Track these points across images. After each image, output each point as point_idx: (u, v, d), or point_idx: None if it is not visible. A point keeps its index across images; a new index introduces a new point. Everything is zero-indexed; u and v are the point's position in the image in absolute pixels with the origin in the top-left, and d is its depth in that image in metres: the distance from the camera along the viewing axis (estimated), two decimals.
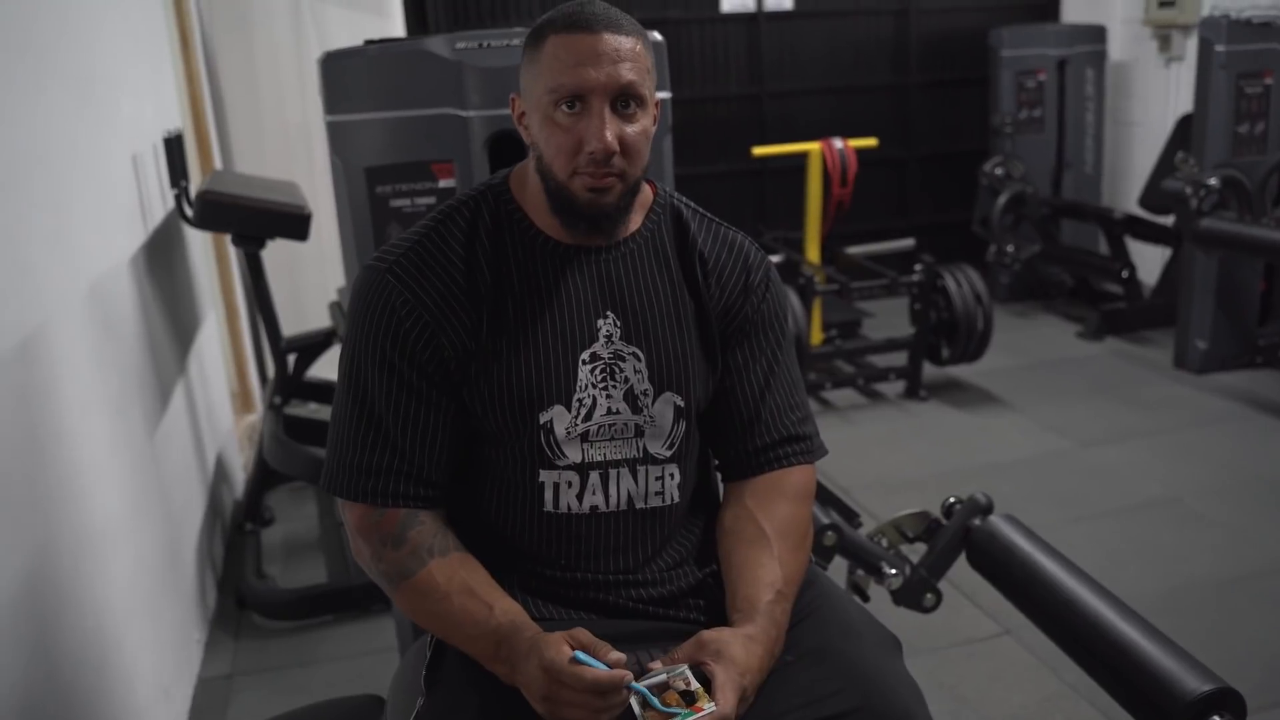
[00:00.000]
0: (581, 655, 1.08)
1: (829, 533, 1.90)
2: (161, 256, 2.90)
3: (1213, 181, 3.87)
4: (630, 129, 1.20)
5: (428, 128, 1.99)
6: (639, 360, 1.28)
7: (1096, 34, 5.47)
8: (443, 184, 1.98)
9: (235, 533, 3.25)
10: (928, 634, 2.53)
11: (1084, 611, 1.59)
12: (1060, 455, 3.65)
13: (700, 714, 1.09)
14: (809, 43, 5.67)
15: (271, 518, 3.29)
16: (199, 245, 3.57)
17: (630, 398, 1.28)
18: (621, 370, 1.28)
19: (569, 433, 1.26)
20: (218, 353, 3.73)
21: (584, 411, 1.26)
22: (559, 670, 1.07)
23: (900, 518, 2.02)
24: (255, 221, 2.75)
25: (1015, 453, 3.69)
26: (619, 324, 1.28)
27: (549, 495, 1.27)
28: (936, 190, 5.98)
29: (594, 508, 1.28)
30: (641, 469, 1.29)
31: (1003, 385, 4.34)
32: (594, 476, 1.27)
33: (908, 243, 4.67)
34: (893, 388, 4.35)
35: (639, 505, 1.29)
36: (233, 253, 4.08)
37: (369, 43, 2.02)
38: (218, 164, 4.30)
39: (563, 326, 1.26)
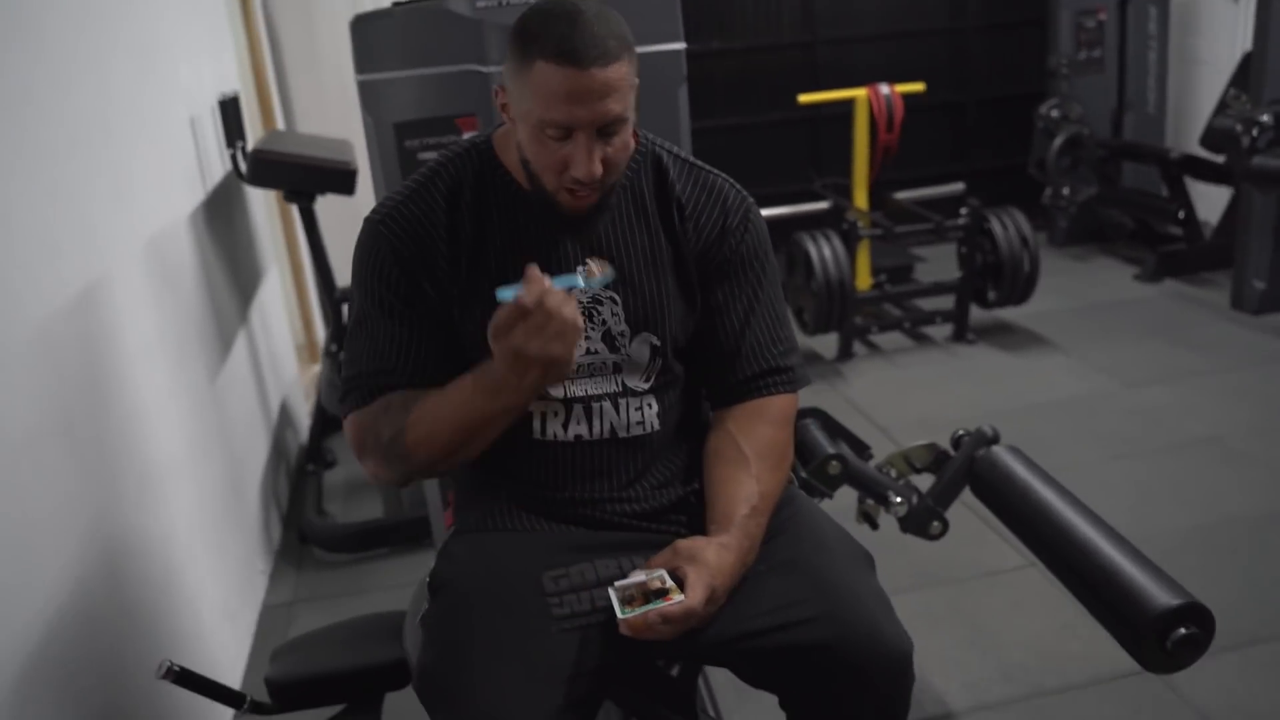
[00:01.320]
0: (501, 293, 1.18)
1: (833, 462, 1.99)
2: (221, 214, 3.06)
3: (1265, 118, 3.79)
4: (612, 148, 1.26)
5: (451, 84, 2.09)
6: (616, 304, 1.37)
7: None
8: (467, 137, 2.09)
9: (299, 474, 3.44)
10: (952, 566, 2.61)
11: (1071, 534, 1.65)
12: (1105, 396, 3.65)
13: (669, 603, 1.19)
14: None
15: (333, 460, 3.47)
16: (261, 204, 3.74)
17: (608, 338, 1.37)
18: (599, 314, 1.37)
19: None
20: (280, 306, 3.92)
21: None
22: (490, 322, 1.18)
23: (909, 449, 2.10)
24: (304, 177, 2.90)
25: (1060, 393, 3.71)
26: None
27: (536, 424, 1.38)
28: (994, 134, 5.91)
29: (578, 436, 1.38)
30: (622, 401, 1.39)
31: (1053, 328, 4.33)
32: (578, 409, 1.38)
33: (957, 187, 4.65)
34: (941, 331, 4.38)
35: (621, 435, 1.39)
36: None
37: (396, 4, 2.13)
38: (280, 124, 4.47)
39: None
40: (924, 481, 2.09)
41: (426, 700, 1.25)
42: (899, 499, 2.01)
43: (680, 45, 2.23)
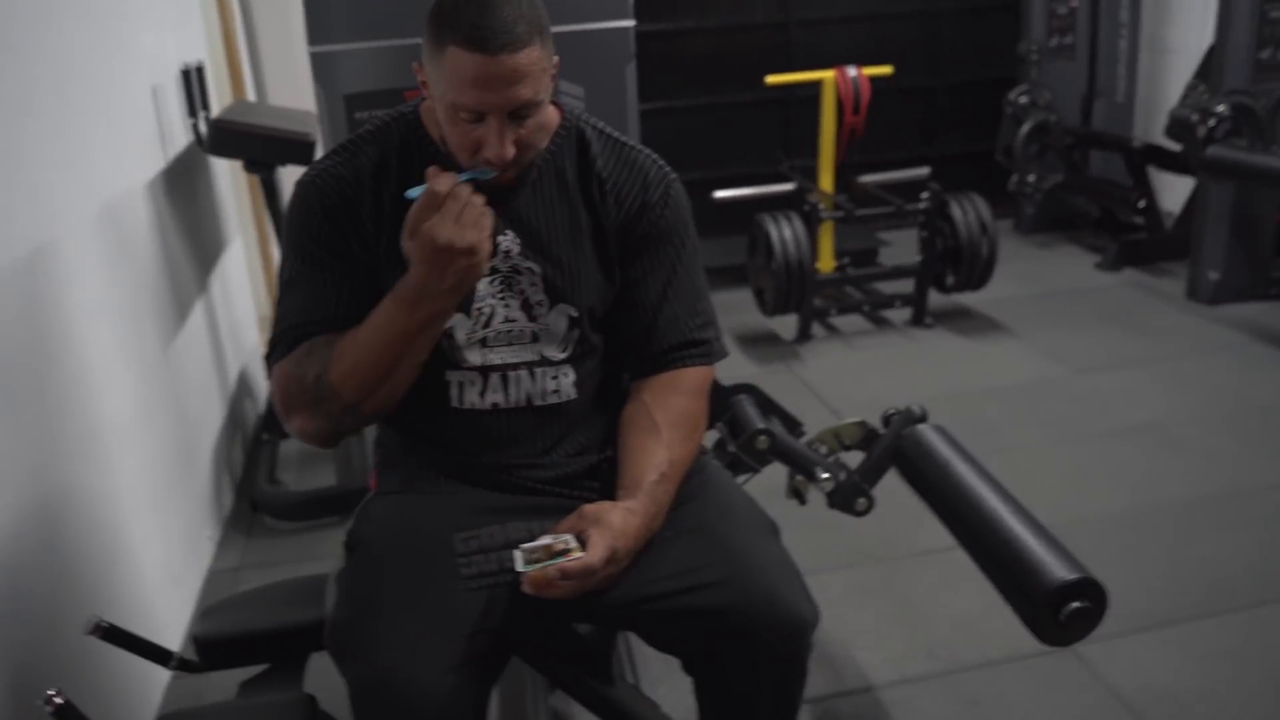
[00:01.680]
0: (410, 193, 1.26)
1: (761, 437, 2.03)
2: (183, 183, 3.08)
3: (1221, 108, 3.84)
4: (525, 129, 1.30)
5: (402, 57, 2.14)
6: (535, 274, 1.41)
7: None
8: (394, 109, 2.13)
9: (255, 443, 3.47)
10: (887, 544, 2.67)
11: (980, 510, 1.71)
12: (1054, 381, 3.72)
13: (569, 559, 1.24)
14: None
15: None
16: (227, 175, 3.75)
17: (526, 307, 1.41)
18: (518, 283, 1.41)
19: (469, 338, 1.40)
20: (244, 276, 3.94)
21: (483, 319, 1.40)
22: (405, 220, 1.25)
23: (839, 426, 2.15)
24: (263, 147, 2.92)
25: (1010, 378, 3.77)
26: (518, 241, 1.41)
27: (454, 392, 1.42)
28: (963, 119, 5.94)
29: (495, 404, 1.43)
30: (539, 370, 1.43)
31: (1010, 314, 4.39)
32: (494, 377, 1.42)
33: (922, 171, 4.69)
34: (900, 315, 4.43)
35: (537, 403, 1.44)
36: None
37: None
38: (251, 96, 4.47)
39: None
40: (856, 459, 2.14)
41: (335, 654, 1.29)
42: (826, 475, 2.05)
43: (629, 23, 2.28)
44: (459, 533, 1.35)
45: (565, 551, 1.27)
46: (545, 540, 1.29)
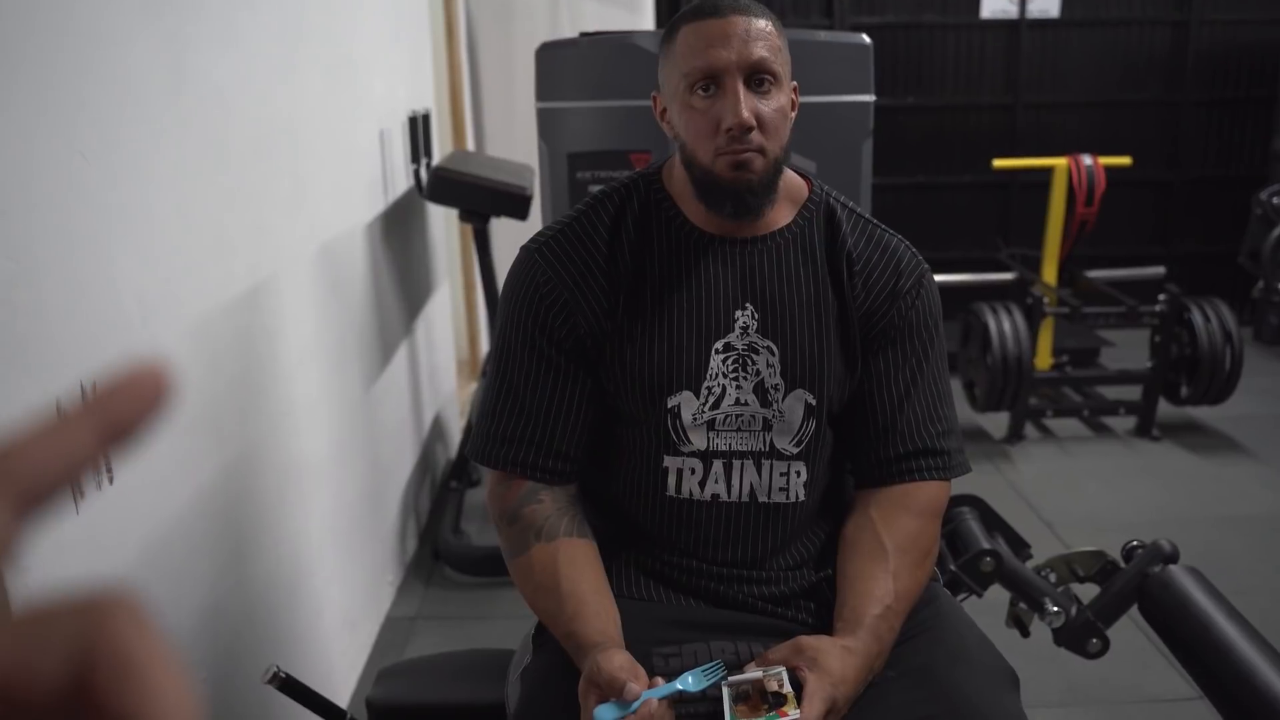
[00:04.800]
0: (601, 714, 1.08)
1: (987, 559, 1.83)
2: (399, 226, 3.12)
3: None
4: (766, 105, 1.21)
5: (629, 118, 2.07)
6: (773, 354, 1.28)
7: None
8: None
9: (443, 489, 3.46)
10: (1110, 686, 2.39)
11: (1253, 680, 1.46)
12: None
13: (784, 719, 1.09)
14: (1072, 53, 5.39)
15: (478, 479, 3.48)
16: (440, 220, 3.81)
17: (760, 390, 1.28)
18: (754, 363, 1.28)
19: (695, 419, 1.28)
20: (448, 321, 3.98)
21: (712, 399, 1.28)
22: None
23: (1073, 554, 1.92)
24: (479, 198, 2.93)
25: (1251, 507, 3.39)
26: (756, 316, 1.28)
27: (672, 480, 1.30)
28: (1202, 217, 5.54)
29: (715, 496, 1.29)
30: (766, 462, 1.29)
31: (1251, 433, 3.98)
32: (717, 465, 1.29)
33: (1157, 270, 4.36)
34: (1123, 423, 4.09)
35: (761, 499, 1.30)
36: None
37: (584, 35, 2.12)
38: (470, 146, 4.57)
39: (699, 314, 1.28)
40: (1087, 592, 1.91)
41: None
42: (1056, 608, 1.83)
43: (869, 98, 2.15)
44: (658, 648, 1.22)
45: (779, 697, 1.12)
46: (754, 674, 1.15)
